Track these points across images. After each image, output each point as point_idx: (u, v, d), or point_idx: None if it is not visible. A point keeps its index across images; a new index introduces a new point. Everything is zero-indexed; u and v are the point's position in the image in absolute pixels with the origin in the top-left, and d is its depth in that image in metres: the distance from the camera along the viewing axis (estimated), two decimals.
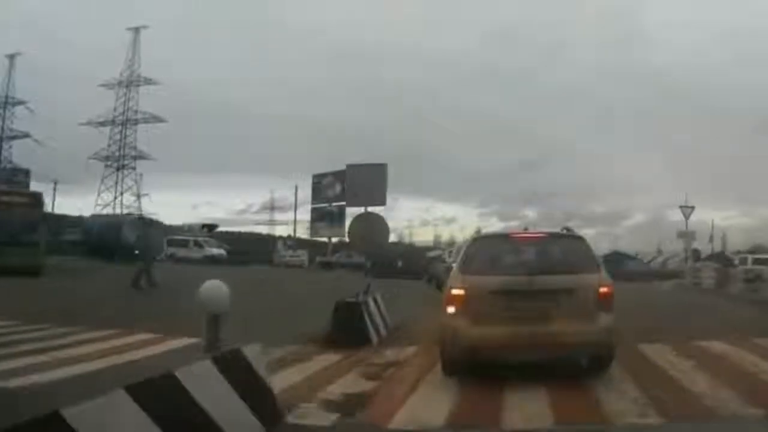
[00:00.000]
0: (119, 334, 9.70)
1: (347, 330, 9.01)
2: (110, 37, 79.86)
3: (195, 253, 36.27)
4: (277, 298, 15.80)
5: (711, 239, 53.53)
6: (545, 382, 6.22)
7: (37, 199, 22.51)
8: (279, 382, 6.72)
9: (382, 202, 10.27)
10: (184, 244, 38.15)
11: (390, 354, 8.49)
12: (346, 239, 12.03)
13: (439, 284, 13.35)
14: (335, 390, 6.45)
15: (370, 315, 9.52)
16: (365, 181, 9.52)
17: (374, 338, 9.29)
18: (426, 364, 7.71)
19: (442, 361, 6.89)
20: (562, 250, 7.04)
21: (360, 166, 10.13)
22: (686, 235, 34.14)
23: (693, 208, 33.10)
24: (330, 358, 8.27)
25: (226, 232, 59.36)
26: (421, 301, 16.20)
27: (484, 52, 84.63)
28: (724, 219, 51.35)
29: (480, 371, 6.56)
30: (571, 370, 6.76)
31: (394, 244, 51.75)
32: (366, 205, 10.70)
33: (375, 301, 10.39)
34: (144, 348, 8.70)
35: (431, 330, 8.62)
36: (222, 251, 36.92)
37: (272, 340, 9.36)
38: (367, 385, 6.76)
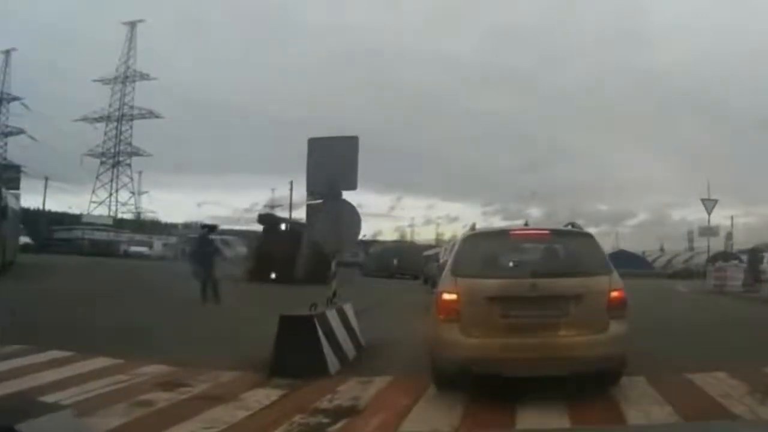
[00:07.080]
0: None
1: (295, 354, 6.64)
2: (107, 32, 78.47)
3: None
4: (243, 306, 13.46)
5: (730, 236, 51.00)
6: None
7: None
8: None
9: (352, 186, 8.15)
10: None
11: (349, 390, 6.12)
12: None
13: (435, 285, 11.04)
14: None
15: (328, 333, 7.12)
16: (331, 159, 7.67)
17: (332, 365, 6.90)
18: (399, 408, 5.49)
19: (432, 375, 6.08)
20: (568, 249, 6.39)
21: (324, 139, 8.21)
22: (708, 232, 31.76)
23: (716, 201, 30.62)
24: (264, 395, 5.97)
25: (228, 231, 57.25)
26: (412, 307, 13.88)
27: (488, 52, 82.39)
28: (726, 218, 49.69)
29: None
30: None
31: (394, 242, 49.62)
32: (332, 189, 8.10)
33: (341, 313, 8.00)
34: None
35: (417, 348, 7.06)
36: None
37: (207, 361, 7.24)
38: None
